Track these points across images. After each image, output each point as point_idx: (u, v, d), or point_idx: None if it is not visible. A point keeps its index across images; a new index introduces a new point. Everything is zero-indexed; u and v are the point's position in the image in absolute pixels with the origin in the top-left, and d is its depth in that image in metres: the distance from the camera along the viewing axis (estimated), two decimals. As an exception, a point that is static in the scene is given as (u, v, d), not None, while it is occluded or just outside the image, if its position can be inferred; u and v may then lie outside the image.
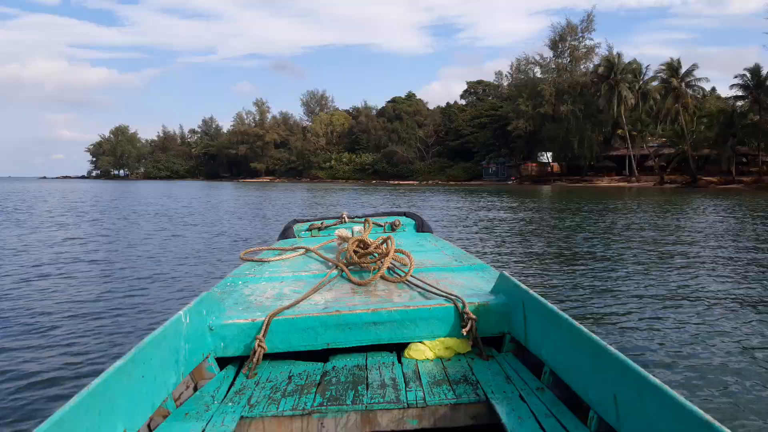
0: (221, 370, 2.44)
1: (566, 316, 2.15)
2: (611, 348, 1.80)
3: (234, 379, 2.36)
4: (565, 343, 2.10)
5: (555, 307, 2.25)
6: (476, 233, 15.58)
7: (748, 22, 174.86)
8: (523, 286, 2.56)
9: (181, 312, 2.27)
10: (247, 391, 2.22)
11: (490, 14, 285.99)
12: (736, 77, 53.97)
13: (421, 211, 18.74)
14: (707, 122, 57.12)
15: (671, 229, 15.91)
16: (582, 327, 2.02)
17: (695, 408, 1.36)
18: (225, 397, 2.17)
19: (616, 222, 18.79)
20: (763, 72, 51.96)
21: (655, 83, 63.85)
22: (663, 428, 1.47)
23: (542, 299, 2.37)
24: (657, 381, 1.52)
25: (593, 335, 1.93)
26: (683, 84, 58.49)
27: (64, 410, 1.46)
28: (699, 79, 58.81)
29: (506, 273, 2.81)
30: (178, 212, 24.91)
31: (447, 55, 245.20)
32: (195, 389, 2.27)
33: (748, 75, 52.74)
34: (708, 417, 1.30)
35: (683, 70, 58.87)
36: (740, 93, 54.85)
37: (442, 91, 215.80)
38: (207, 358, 2.40)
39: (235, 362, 2.51)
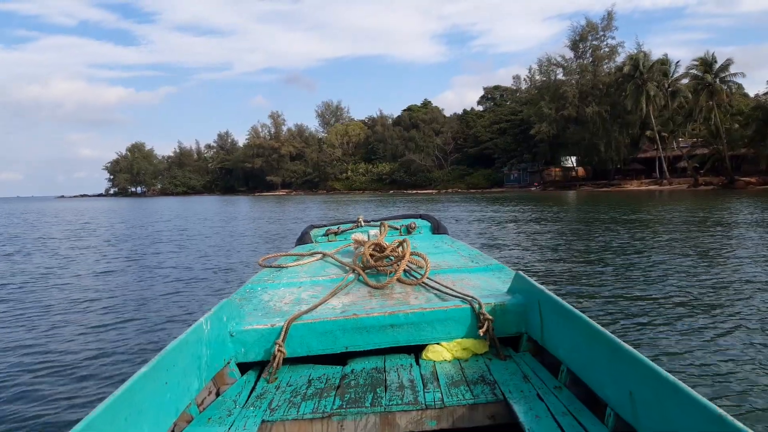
0: (242, 375, 2.46)
1: (582, 314, 2.11)
2: (627, 346, 1.78)
3: (255, 383, 2.38)
4: (581, 341, 2.08)
5: (571, 306, 2.22)
6: (494, 240, 14.93)
7: (761, 19, 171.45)
8: (539, 285, 2.53)
9: (202, 319, 2.28)
10: (268, 395, 2.24)
11: (503, 21, 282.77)
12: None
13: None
14: (743, 120, 54.02)
15: (712, 235, 14.51)
16: (598, 325, 1.99)
17: (710, 403, 1.37)
18: (246, 401, 2.19)
19: (650, 227, 17.22)
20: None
21: (684, 81, 60.97)
22: (678, 424, 1.49)
23: (558, 298, 2.33)
24: (672, 378, 1.53)
25: (609, 333, 1.91)
26: (717, 80, 55.28)
27: (91, 416, 1.51)
28: (734, 75, 55.44)
29: (522, 273, 2.76)
30: (197, 225, 25.41)
31: (461, 63, 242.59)
32: (217, 394, 2.29)
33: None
34: (722, 412, 1.33)
35: (717, 65, 55.59)
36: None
37: (455, 99, 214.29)
38: (228, 363, 2.42)
39: (255, 367, 2.53)
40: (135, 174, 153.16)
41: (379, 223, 5.17)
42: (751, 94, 62.64)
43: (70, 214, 44.17)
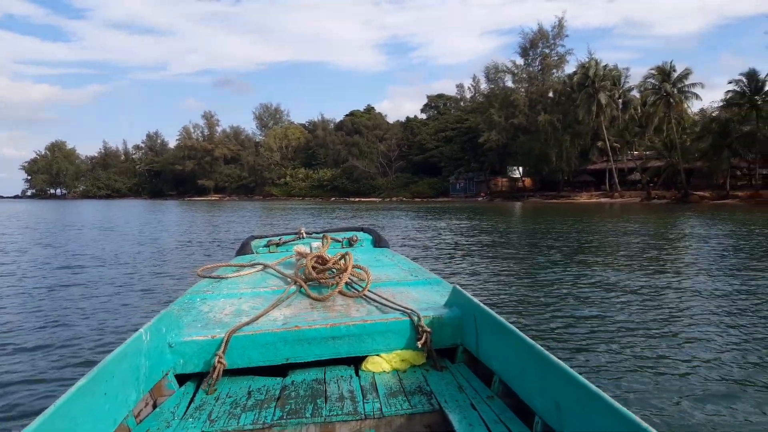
0: (181, 386, 2.44)
1: (514, 328, 2.20)
2: (554, 358, 1.88)
3: (194, 395, 2.36)
4: (513, 353, 2.17)
5: (504, 320, 2.31)
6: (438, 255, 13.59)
7: (675, 43, 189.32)
8: (475, 299, 2.59)
9: (141, 330, 2.27)
10: (207, 407, 2.23)
11: (443, 33, 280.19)
12: (730, 83, 49.81)
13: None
14: (698, 132, 52.77)
15: (661, 254, 13.71)
16: (528, 338, 2.08)
17: (628, 411, 1.48)
18: (185, 413, 2.17)
19: (595, 243, 16.57)
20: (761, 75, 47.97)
21: (634, 92, 59.67)
22: (599, 430, 1.60)
23: (492, 312, 2.41)
24: (594, 388, 1.63)
25: (538, 346, 2.00)
26: (676, 90, 53.79)
27: (28, 430, 1.50)
28: (693, 85, 53.98)
29: (458, 287, 2.82)
30: (122, 230, 23.72)
31: (400, 72, 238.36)
32: (155, 406, 2.27)
33: (745, 81, 48.57)
34: (637, 419, 1.43)
35: (676, 74, 54.02)
36: (728, 100, 50.72)
37: (393, 109, 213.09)
38: (167, 375, 2.41)
39: (194, 379, 2.50)
40: (54, 175, 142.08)
41: (321, 235, 5.08)
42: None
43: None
